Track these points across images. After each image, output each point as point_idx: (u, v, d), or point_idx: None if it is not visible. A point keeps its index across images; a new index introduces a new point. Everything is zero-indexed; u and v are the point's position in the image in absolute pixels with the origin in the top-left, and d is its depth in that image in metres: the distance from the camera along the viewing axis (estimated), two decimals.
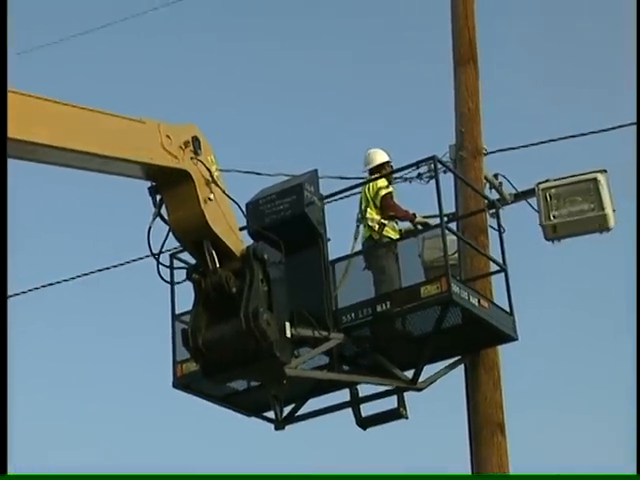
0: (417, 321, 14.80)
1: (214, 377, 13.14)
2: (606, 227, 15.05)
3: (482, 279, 15.53)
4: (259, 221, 14.09)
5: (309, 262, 14.29)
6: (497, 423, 14.79)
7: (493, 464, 14.46)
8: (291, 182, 14.82)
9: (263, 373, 12.91)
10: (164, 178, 11.44)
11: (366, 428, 15.17)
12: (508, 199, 16.14)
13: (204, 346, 12.09)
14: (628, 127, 15.51)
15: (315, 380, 14.99)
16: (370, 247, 15.60)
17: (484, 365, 15.18)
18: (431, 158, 15.53)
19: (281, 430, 15.38)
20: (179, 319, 14.79)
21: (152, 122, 11.32)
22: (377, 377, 15.03)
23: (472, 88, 16.83)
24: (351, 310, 14.60)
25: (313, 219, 14.36)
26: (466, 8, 17.18)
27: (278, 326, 11.98)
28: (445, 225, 14.84)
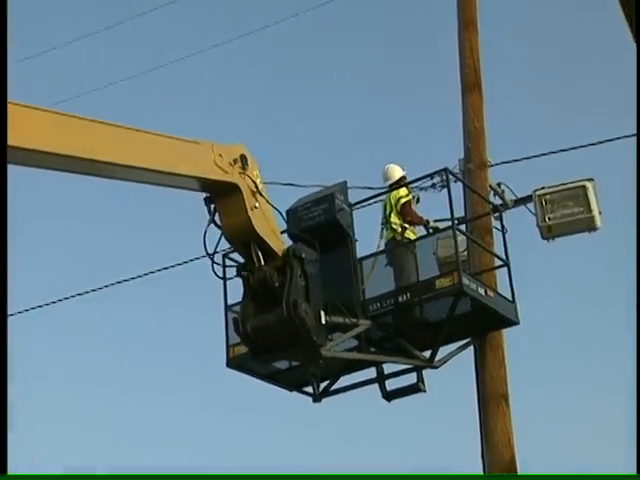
0: (433, 309, 14.91)
1: (261, 358, 13.56)
2: (594, 227, 15.16)
3: (488, 273, 15.60)
4: (297, 225, 14.19)
5: (340, 260, 14.36)
6: (502, 395, 14.90)
7: (499, 430, 14.60)
8: (324, 192, 14.89)
9: (302, 354, 13.25)
10: (217, 190, 11.76)
11: (390, 400, 15.30)
12: (509, 204, 16.15)
13: (252, 332, 12.46)
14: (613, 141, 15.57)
15: (346, 360, 15.10)
16: (392, 247, 15.70)
17: (490, 346, 15.28)
18: (443, 170, 15.69)
19: (318, 403, 15.53)
20: (231, 309, 14.84)
21: (206, 143, 11.64)
22: (399, 357, 15.15)
23: (477, 110, 16.86)
24: (376, 300, 14.76)
25: (343, 223, 14.47)
26: (471, 42, 17.20)
27: (314, 314, 12.31)
28: (456, 227, 15.02)
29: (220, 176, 11.58)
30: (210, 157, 11.48)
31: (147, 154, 10.50)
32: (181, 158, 11.08)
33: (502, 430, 14.63)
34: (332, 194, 14.57)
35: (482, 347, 15.34)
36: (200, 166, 11.37)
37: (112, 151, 10.02)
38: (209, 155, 11.48)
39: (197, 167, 11.35)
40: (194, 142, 11.45)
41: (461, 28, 17.51)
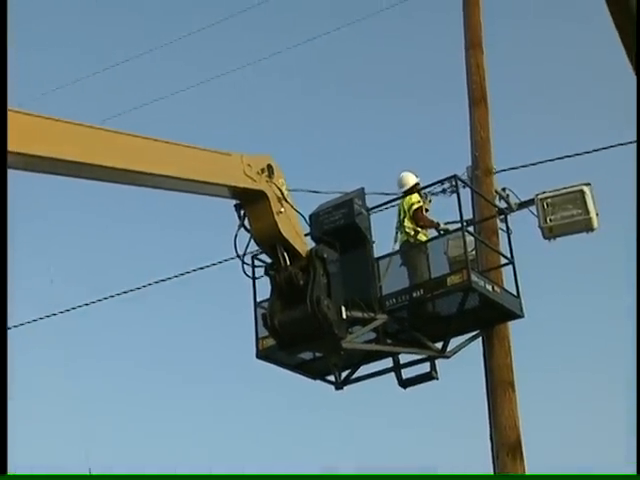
0: (444, 304, 15.04)
1: (287, 350, 13.50)
2: (591, 228, 15.20)
3: (495, 270, 15.62)
4: (319, 228, 14.26)
5: (359, 260, 14.44)
6: (508, 382, 14.93)
7: (506, 414, 14.64)
8: (343, 198, 14.96)
9: (325, 346, 13.20)
10: (246, 197, 11.75)
11: (406, 387, 15.39)
12: (513, 207, 16.18)
13: (279, 326, 12.43)
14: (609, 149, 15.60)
15: (365, 351, 15.19)
16: (406, 248, 15.73)
17: (497, 337, 15.32)
18: (453, 177, 15.77)
19: (340, 390, 15.62)
20: (259, 306, 14.97)
21: (236, 154, 11.62)
22: (414, 348, 15.25)
23: (483, 122, 16.88)
24: (392, 296, 14.83)
25: (361, 226, 14.56)
26: (477, 60, 17.23)
27: (336, 309, 12.23)
28: (465, 228, 15.12)
29: (249, 184, 11.59)
30: (240, 167, 11.51)
31: (183, 165, 10.59)
32: (214, 168, 11.14)
33: (509, 414, 14.66)
34: (351, 200, 14.69)
35: (490, 338, 15.38)
36: (231, 175, 11.42)
37: (154, 163, 10.16)
38: (239, 165, 11.51)
39: (228, 176, 11.40)
40: (225, 154, 11.48)
41: (468, 48, 17.52)
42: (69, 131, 9.16)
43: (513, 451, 14.36)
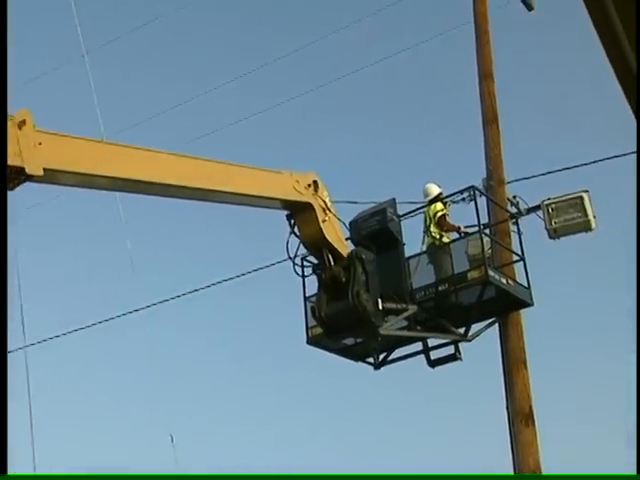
0: (465, 295, 15.10)
1: (332, 337, 13.83)
2: (590, 228, 15.18)
3: (508, 266, 15.60)
4: (358, 233, 14.31)
5: (392, 259, 14.49)
6: (522, 361, 14.90)
7: (520, 388, 14.62)
8: (378, 207, 15.01)
9: (364, 333, 13.49)
10: (295, 208, 11.95)
11: (434, 367, 15.45)
12: (523, 212, 16.16)
13: (325, 317, 12.68)
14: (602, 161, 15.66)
15: (399, 336, 15.17)
16: (432, 249, 15.81)
17: (512, 323, 15.29)
18: (471, 187, 15.78)
19: (378, 370, 15.72)
20: (308, 300, 14.95)
21: (286, 172, 11.83)
22: (440, 333, 15.34)
23: (496, 140, 16.78)
24: (421, 290, 14.96)
25: (393, 231, 14.67)
26: (489, 88, 17.11)
27: (373, 302, 12.45)
28: (482, 231, 15.20)
29: (298, 197, 11.77)
30: (290, 183, 11.67)
31: (245, 183, 10.82)
32: (269, 185, 11.32)
33: (522, 388, 14.67)
34: (384, 208, 14.78)
35: (505, 324, 15.35)
36: (283, 190, 11.58)
37: (223, 182, 10.37)
38: (289, 182, 11.67)
39: (281, 191, 11.57)
40: (278, 172, 11.68)
41: (481, 77, 17.36)
42: (162, 160, 9.46)
43: (526, 419, 14.35)
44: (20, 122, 7.72)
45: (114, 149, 9.08)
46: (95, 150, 8.85)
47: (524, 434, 14.27)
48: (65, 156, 8.30)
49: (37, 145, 7.82)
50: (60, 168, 8.23)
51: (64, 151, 8.30)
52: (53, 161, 8.07)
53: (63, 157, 8.26)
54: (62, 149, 8.29)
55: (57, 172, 8.19)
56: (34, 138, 7.81)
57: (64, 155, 8.28)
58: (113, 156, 8.96)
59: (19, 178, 7.71)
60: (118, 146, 9.17)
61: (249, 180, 10.95)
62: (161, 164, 9.50)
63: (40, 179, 7.94)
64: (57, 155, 8.15)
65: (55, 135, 8.22)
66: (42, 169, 7.84)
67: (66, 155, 8.32)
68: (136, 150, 9.29)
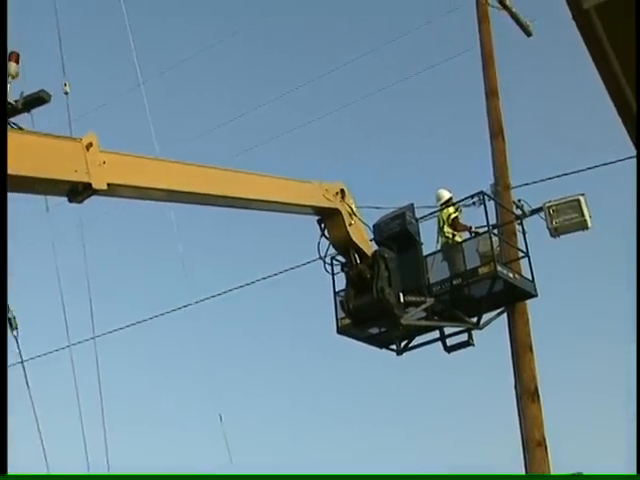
0: (477, 288, 15.09)
1: (359, 326, 13.86)
2: (586, 227, 15.20)
3: (514, 262, 15.57)
4: (381, 235, 14.39)
5: (411, 258, 14.53)
6: (528, 346, 14.86)
7: (527, 369, 14.59)
8: (398, 211, 15.06)
9: (388, 323, 13.53)
10: (325, 214, 12.00)
11: (450, 352, 15.53)
12: (527, 214, 16.15)
13: (353, 309, 12.72)
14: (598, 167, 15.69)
15: (418, 326, 15.18)
16: (447, 247, 15.88)
17: (518, 312, 15.26)
18: (480, 192, 15.74)
19: (400, 356, 15.78)
20: (338, 295, 15.01)
21: (317, 182, 11.88)
22: (455, 322, 15.43)
23: (501, 149, 16.72)
24: (438, 284, 15.00)
25: (412, 232, 14.73)
26: (495, 104, 17.07)
27: (395, 295, 12.49)
28: (491, 231, 15.24)
29: (327, 204, 11.82)
30: (320, 192, 11.75)
31: (282, 193, 10.90)
32: (302, 194, 11.41)
33: (529, 369, 14.64)
34: (403, 212, 14.84)
35: (512, 313, 15.31)
36: (314, 198, 11.65)
37: (263, 192, 10.48)
38: (320, 191, 11.75)
39: (312, 199, 11.64)
40: (310, 183, 11.75)
41: (487, 95, 17.33)
42: (208, 173, 9.59)
43: (532, 396, 14.35)
44: (88, 144, 7.90)
45: (166, 165, 9.21)
46: (150, 166, 8.99)
47: (530, 409, 14.28)
48: (125, 172, 8.45)
49: (102, 164, 7.99)
50: (121, 182, 8.38)
51: (124, 168, 8.46)
52: (115, 177, 8.22)
53: (123, 173, 8.42)
54: (122, 166, 8.44)
55: (118, 186, 8.35)
56: (99, 158, 7.98)
57: (124, 171, 8.43)
58: (165, 171, 9.11)
59: (87, 192, 7.89)
60: (170, 162, 9.30)
61: (285, 190, 11.05)
62: (207, 177, 9.64)
63: (104, 193, 8.10)
64: (118, 171, 8.30)
65: (117, 154, 8.38)
66: (106, 184, 8.00)
67: (126, 171, 8.47)
68: (186, 165, 9.43)
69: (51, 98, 12.50)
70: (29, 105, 12.18)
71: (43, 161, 7.51)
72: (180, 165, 9.31)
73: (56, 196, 8.14)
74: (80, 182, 7.79)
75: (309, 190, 11.72)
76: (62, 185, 7.77)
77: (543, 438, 14.04)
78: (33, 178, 7.46)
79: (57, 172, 7.61)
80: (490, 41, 18.00)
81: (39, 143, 7.68)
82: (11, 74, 12.05)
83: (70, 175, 7.73)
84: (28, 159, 7.37)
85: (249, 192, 10.30)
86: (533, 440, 13.98)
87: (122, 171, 8.34)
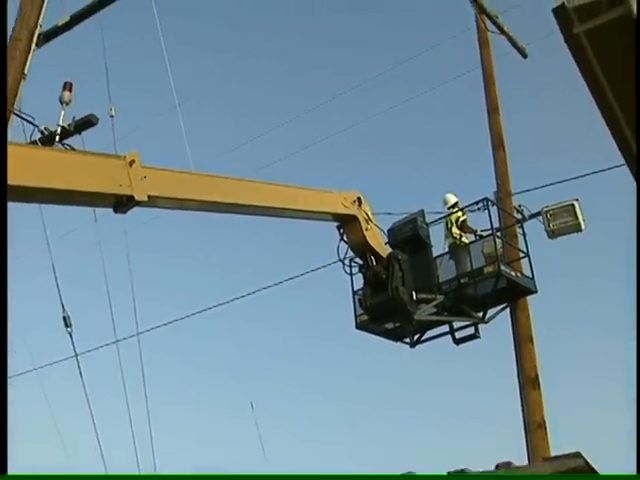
0: (482, 286, 15.05)
1: (376, 322, 13.77)
2: (580, 229, 15.14)
3: (516, 262, 15.58)
4: (395, 238, 14.41)
5: (422, 259, 14.55)
6: (529, 338, 14.84)
7: (528, 359, 14.57)
8: (409, 217, 15.06)
9: (402, 318, 13.36)
10: (343, 220, 11.87)
11: (458, 344, 15.52)
12: (527, 218, 16.06)
13: (370, 306, 12.55)
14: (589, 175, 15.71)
15: (430, 320, 15.19)
16: (454, 248, 15.89)
17: (520, 307, 15.27)
18: (485, 199, 15.76)
19: (413, 348, 15.83)
20: (356, 294, 14.93)
21: (336, 192, 11.76)
22: (462, 317, 15.39)
23: (503, 160, 16.74)
24: (447, 282, 15.02)
25: (423, 236, 14.76)
26: (496, 119, 17.11)
27: (409, 293, 12.28)
28: (494, 233, 15.31)
29: (345, 211, 11.72)
30: (339, 200, 11.65)
31: (305, 201, 10.86)
32: (323, 202, 11.35)
33: (530, 359, 14.63)
34: (415, 218, 14.87)
35: (515, 308, 15.32)
36: (333, 206, 11.56)
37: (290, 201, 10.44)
38: (338, 199, 11.64)
39: (332, 207, 11.56)
40: (329, 192, 11.66)
41: (489, 111, 17.34)
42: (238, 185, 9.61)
43: (533, 383, 14.34)
44: (131, 161, 7.99)
45: (200, 178, 9.25)
46: (185, 179, 9.01)
47: (532, 395, 14.25)
48: (163, 185, 8.49)
49: (143, 178, 8.06)
50: (159, 194, 8.42)
51: (162, 181, 8.50)
52: (154, 189, 8.27)
53: (162, 186, 8.46)
54: (161, 180, 8.49)
55: (157, 198, 8.39)
56: (141, 173, 8.05)
57: (162, 184, 8.48)
58: (199, 183, 9.13)
59: (130, 204, 7.96)
60: (203, 176, 9.34)
61: (308, 199, 10.99)
62: (237, 188, 9.64)
63: (145, 204, 8.17)
64: (157, 185, 8.35)
65: (156, 169, 8.44)
66: (147, 196, 8.06)
67: (164, 184, 8.52)
68: (217, 178, 9.45)
69: (98, 121, 12.75)
70: (80, 128, 12.46)
71: (92, 177, 7.61)
72: (212, 178, 9.34)
73: (103, 208, 8.20)
74: (124, 195, 7.86)
75: (329, 199, 11.64)
76: (108, 197, 7.85)
77: (543, 420, 14.02)
78: (84, 192, 7.55)
79: (104, 186, 7.71)
80: (490, 63, 18.06)
81: (89, 161, 7.79)
82: (65, 101, 12.29)
83: (115, 189, 7.81)
84: (80, 176, 7.48)
85: (276, 201, 10.26)
86: (534, 422, 13.98)
87: (160, 184, 8.39)
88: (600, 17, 5.25)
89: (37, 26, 12.67)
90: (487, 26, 18.67)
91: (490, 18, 18.75)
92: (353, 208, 11.89)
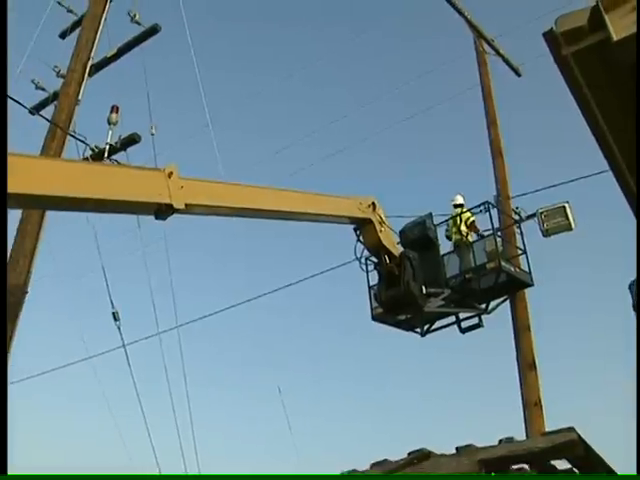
0: (485, 280, 15.13)
1: (390, 314, 13.66)
2: (570, 229, 15.06)
3: (514, 258, 15.61)
4: (406, 239, 14.24)
5: (431, 256, 14.60)
6: (526, 326, 14.87)
7: (525, 344, 14.55)
8: (419, 219, 15.09)
9: (413, 311, 13.33)
10: (360, 223, 11.68)
11: (464, 333, 15.61)
12: (524, 219, 15.99)
13: (385, 300, 12.29)
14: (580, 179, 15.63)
15: (438, 312, 15.31)
16: (459, 246, 15.93)
17: (519, 299, 15.29)
18: (486, 202, 15.84)
19: (423, 337, 15.91)
20: (371, 289, 15.05)
21: (353, 197, 11.54)
22: (467, 308, 15.49)
23: (502, 167, 16.76)
24: (453, 277, 15.11)
25: (431, 236, 14.80)
26: (495, 131, 17.17)
27: (419, 288, 12.05)
28: (495, 233, 15.37)
29: (361, 215, 11.58)
30: (355, 205, 11.50)
31: (326, 206, 10.80)
32: (341, 207, 11.23)
33: (527, 344, 14.61)
34: (424, 220, 14.91)
35: (514, 300, 15.34)
36: (350, 210, 11.42)
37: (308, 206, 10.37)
38: (355, 204, 11.50)
39: (349, 211, 11.41)
40: (347, 197, 11.51)
41: (488, 124, 17.42)
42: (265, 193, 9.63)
43: (530, 366, 14.31)
44: (169, 173, 8.05)
45: (230, 187, 9.27)
46: (218, 188, 9.00)
47: (529, 377, 14.26)
48: (198, 194, 8.52)
49: (180, 188, 8.11)
50: (195, 202, 8.45)
51: (198, 190, 8.53)
52: (191, 198, 8.30)
53: (197, 195, 8.49)
54: (196, 189, 8.51)
55: (193, 205, 8.42)
56: (179, 183, 8.10)
57: (198, 193, 8.50)
58: (230, 192, 9.12)
59: (169, 212, 8.01)
60: (233, 185, 9.37)
61: (327, 204, 10.92)
62: (264, 196, 9.65)
63: (183, 211, 8.21)
64: (193, 194, 8.38)
65: (191, 180, 8.48)
66: (184, 204, 8.11)
67: (199, 193, 8.54)
68: (246, 187, 9.47)
69: (141, 138, 12.97)
70: (125, 145, 12.77)
71: (136, 188, 7.70)
72: (242, 187, 9.35)
73: (145, 215, 8.28)
74: (164, 203, 7.90)
75: (347, 204, 11.51)
76: (150, 206, 7.90)
77: (539, 399, 14.00)
78: (130, 202, 7.63)
79: (146, 196, 7.77)
80: (488, 81, 18.20)
81: (133, 174, 7.88)
82: (112, 122, 12.54)
83: (156, 198, 7.86)
84: (126, 187, 7.57)
85: (299, 207, 10.21)
86: (531, 401, 13.96)
87: (196, 193, 8.42)
88: (583, 41, 5.33)
89: (89, 59, 13.11)
90: (485, 48, 18.94)
91: (487, 42, 19.02)
92: (368, 212, 11.75)
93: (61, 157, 12.07)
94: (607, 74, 5.56)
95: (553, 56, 5.76)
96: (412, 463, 6.28)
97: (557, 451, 5.76)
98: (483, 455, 5.94)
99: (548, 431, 6.17)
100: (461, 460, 5.96)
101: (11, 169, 6.23)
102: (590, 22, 5.29)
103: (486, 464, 5.87)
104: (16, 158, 6.36)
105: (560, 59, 5.68)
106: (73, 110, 12.64)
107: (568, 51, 5.46)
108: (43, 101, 14.23)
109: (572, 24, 5.39)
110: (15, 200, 6.42)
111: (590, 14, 5.29)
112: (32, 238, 11.48)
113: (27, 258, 11.31)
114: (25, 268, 11.27)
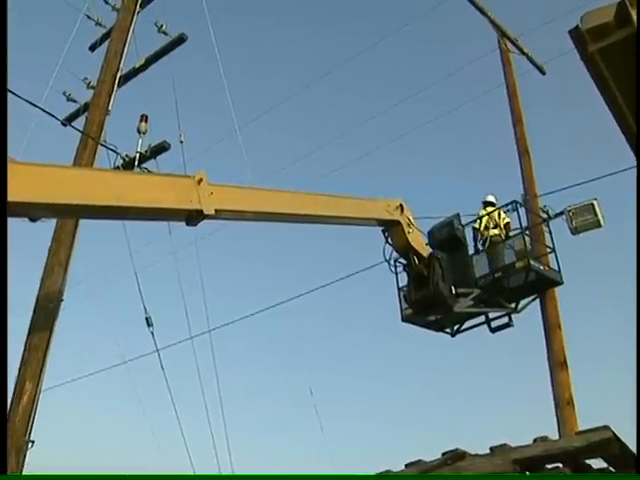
0: (515, 279, 15.00)
1: (420, 315, 13.82)
2: (599, 226, 14.86)
3: (544, 256, 15.49)
4: (434, 239, 14.11)
5: (460, 257, 14.18)
6: (557, 325, 14.75)
7: (556, 343, 14.43)
8: (447, 220, 14.81)
9: (443, 311, 13.26)
10: (388, 225, 11.70)
11: (494, 332, 15.45)
12: (552, 217, 15.86)
13: (414, 301, 12.31)
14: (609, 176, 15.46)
15: (468, 312, 15.13)
16: (489, 246, 15.85)
17: (549, 297, 15.16)
18: (514, 201, 15.81)
19: (453, 337, 15.86)
20: (401, 290, 15.06)
21: (381, 199, 11.59)
22: (497, 308, 15.32)
23: (529, 166, 16.64)
24: (482, 277, 14.98)
25: (460, 236, 14.44)
26: (521, 130, 17.09)
27: (448, 288, 12.11)
28: (524, 232, 15.26)
29: (389, 217, 11.60)
30: (384, 207, 11.53)
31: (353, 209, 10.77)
32: (369, 209, 11.23)
33: (558, 343, 14.50)
34: (452, 220, 14.65)
35: (544, 298, 15.21)
36: (379, 213, 11.45)
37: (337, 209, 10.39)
38: (383, 206, 11.53)
39: (377, 213, 11.44)
40: (375, 200, 11.54)
41: (514, 122, 17.34)
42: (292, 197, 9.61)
43: (561, 365, 14.21)
44: (199, 179, 8.10)
45: (258, 192, 9.32)
46: (247, 194, 9.06)
47: (560, 376, 14.14)
48: (227, 200, 8.57)
49: (210, 194, 8.16)
50: (225, 208, 8.50)
51: (226, 196, 8.58)
52: (220, 204, 8.36)
53: (226, 200, 8.54)
54: (225, 195, 8.57)
55: (223, 211, 8.47)
56: (208, 189, 8.16)
57: (227, 199, 8.56)
58: (258, 197, 9.18)
59: (199, 217, 8.07)
60: (261, 190, 9.41)
61: (356, 207, 10.92)
62: (292, 200, 9.64)
63: (213, 217, 8.25)
64: (222, 199, 8.43)
65: (220, 186, 8.53)
66: (214, 210, 8.15)
67: (228, 199, 8.60)
68: (274, 192, 9.51)
69: (170, 146, 13.07)
70: (155, 153, 12.90)
71: (167, 195, 7.76)
72: (270, 192, 9.40)
73: (177, 222, 8.34)
74: (194, 209, 7.96)
75: (375, 206, 11.51)
76: (181, 212, 7.97)
77: (571, 398, 13.88)
78: (161, 209, 7.68)
79: (177, 203, 7.83)
80: (513, 80, 18.13)
81: (163, 181, 7.94)
82: (142, 131, 12.68)
83: (187, 204, 7.92)
84: (157, 194, 7.62)
85: (328, 210, 10.22)
86: (563, 400, 13.83)
87: (225, 199, 8.47)
88: (610, 37, 5.33)
89: (119, 70, 13.24)
90: (509, 47, 18.88)
91: (511, 40, 18.97)
92: (396, 214, 11.75)
93: (93, 166, 12.25)
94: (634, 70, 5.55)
95: (579, 53, 5.75)
96: (446, 463, 6.23)
97: (592, 450, 5.67)
98: (517, 455, 5.88)
99: (583, 430, 6.07)
100: (495, 460, 5.90)
101: (54, 180, 6.35)
102: (616, 18, 5.28)
103: (520, 463, 5.81)
104: (61, 170, 6.48)
105: (586, 56, 5.67)
106: (104, 120, 12.82)
107: (594, 48, 5.46)
108: (75, 112, 14.47)
109: (598, 20, 5.40)
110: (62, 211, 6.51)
111: (616, 10, 5.28)
112: (66, 246, 11.62)
113: (62, 266, 11.47)
114: (60, 275, 11.43)
